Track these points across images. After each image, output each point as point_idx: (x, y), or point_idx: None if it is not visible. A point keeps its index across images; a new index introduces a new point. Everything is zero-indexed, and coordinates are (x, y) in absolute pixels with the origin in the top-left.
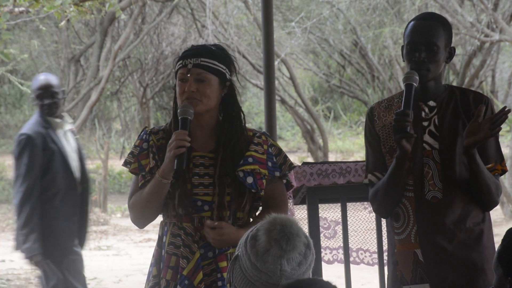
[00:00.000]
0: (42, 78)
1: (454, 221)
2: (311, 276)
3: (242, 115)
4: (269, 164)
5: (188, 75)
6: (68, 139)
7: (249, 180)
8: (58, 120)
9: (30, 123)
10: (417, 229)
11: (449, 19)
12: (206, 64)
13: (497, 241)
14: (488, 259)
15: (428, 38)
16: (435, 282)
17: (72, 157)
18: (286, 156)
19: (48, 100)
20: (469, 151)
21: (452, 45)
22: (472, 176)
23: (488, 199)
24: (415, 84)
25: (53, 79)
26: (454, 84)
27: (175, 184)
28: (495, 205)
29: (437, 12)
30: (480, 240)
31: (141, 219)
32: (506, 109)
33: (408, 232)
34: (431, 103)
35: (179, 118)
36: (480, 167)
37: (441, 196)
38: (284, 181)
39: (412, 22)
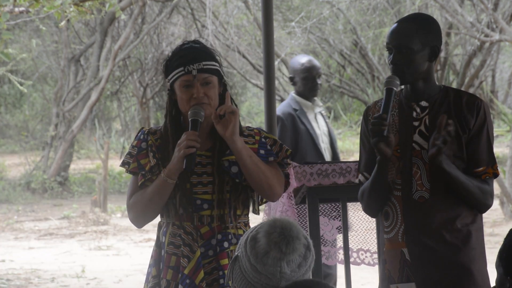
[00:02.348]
0: (306, 59)
1: (441, 221)
2: (311, 277)
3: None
4: (261, 151)
5: (194, 81)
6: (318, 121)
7: (234, 169)
8: (308, 103)
9: (281, 105)
10: (404, 228)
11: (449, 19)
12: (209, 67)
13: (498, 241)
14: (476, 260)
15: (399, 41)
16: (420, 282)
17: (321, 139)
18: (282, 144)
19: (311, 82)
20: (434, 162)
21: (452, 45)
22: (448, 184)
23: (473, 203)
24: (395, 89)
25: (316, 61)
26: (454, 84)
27: (175, 184)
28: (486, 208)
29: (437, 12)
30: (468, 241)
31: (141, 219)
32: (449, 120)
33: (396, 231)
34: (423, 103)
35: (190, 119)
36: (452, 175)
37: (428, 196)
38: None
39: (392, 26)
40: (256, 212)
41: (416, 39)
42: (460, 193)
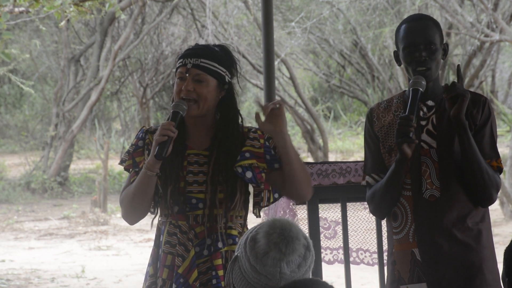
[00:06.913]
0: None
1: (452, 220)
2: (311, 277)
3: (239, 118)
4: (267, 157)
5: (187, 74)
6: None
7: (248, 175)
8: None
9: None
10: (415, 228)
11: (449, 19)
12: (206, 65)
13: (498, 240)
14: (487, 259)
15: (425, 37)
16: (432, 282)
17: None
18: None
19: None
20: (458, 119)
21: (452, 45)
22: (464, 153)
23: (480, 186)
24: (421, 90)
25: None
26: None
27: (167, 180)
28: (491, 200)
29: (437, 12)
30: (479, 240)
31: (129, 214)
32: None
33: (406, 231)
34: (430, 102)
35: (171, 111)
36: (471, 140)
37: (438, 195)
38: None
39: (404, 25)
40: (257, 214)
41: (437, 36)
42: (473, 167)
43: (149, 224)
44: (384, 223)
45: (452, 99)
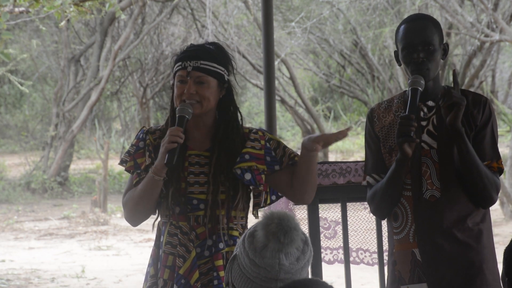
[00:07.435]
0: None
1: (453, 220)
2: (309, 273)
3: (239, 116)
4: (268, 158)
5: (188, 77)
6: None
7: (247, 176)
8: None
9: None
10: (415, 228)
11: (449, 19)
12: (206, 67)
13: (498, 241)
14: (487, 259)
15: (423, 38)
16: (432, 282)
17: None
18: (285, 147)
19: None
20: (455, 127)
21: (452, 45)
22: (462, 159)
23: (480, 189)
24: (420, 89)
25: None
26: None
27: (168, 182)
28: (492, 201)
29: (437, 12)
30: (479, 240)
31: (133, 217)
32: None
33: (406, 231)
34: (430, 103)
35: (177, 115)
36: (468, 147)
37: (439, 195)
38: None
39: (403, 26)
40: (256, 215)
41: (436, 36)
42: (472, 172)
43: (148, 223)
44: (384, 223)
45: (448, 107)
